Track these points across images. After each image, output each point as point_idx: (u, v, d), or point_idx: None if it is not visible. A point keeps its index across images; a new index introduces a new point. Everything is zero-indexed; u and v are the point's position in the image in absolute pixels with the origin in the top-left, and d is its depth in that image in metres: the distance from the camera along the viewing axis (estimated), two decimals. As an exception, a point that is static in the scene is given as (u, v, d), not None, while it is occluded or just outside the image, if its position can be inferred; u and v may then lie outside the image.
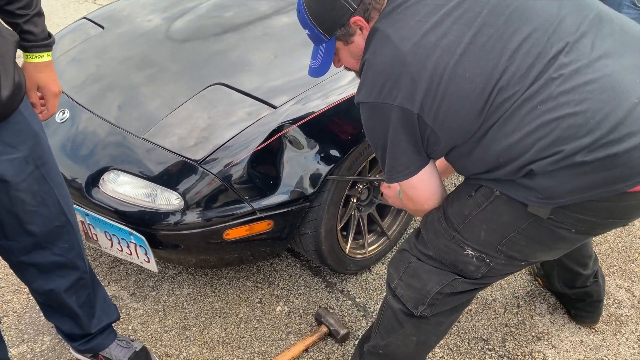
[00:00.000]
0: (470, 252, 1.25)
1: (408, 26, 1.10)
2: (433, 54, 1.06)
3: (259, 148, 1.66)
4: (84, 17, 2.46)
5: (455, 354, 1.88)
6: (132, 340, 1.77)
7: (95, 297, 1.63)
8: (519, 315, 2.03)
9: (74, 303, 1.54)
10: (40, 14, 1.28)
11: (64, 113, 1.90)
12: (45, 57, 1.31)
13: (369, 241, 2.16)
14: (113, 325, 1.75)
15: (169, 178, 1.66)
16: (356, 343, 1.88)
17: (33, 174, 1.30)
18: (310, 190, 1.71)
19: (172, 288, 2.11)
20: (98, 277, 2.17)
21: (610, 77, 1.02)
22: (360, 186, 1.97)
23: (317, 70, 1.32)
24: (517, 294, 2.12)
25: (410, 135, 1.14)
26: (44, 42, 1.30)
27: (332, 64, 1.32)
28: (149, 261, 1.72)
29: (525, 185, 1.10)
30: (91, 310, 1.61)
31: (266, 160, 1.68)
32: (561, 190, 1.06)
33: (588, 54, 1.04)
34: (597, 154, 1.00)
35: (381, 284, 2.15)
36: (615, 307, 2.07)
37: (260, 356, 1.85)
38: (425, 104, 1.08)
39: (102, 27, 2.33)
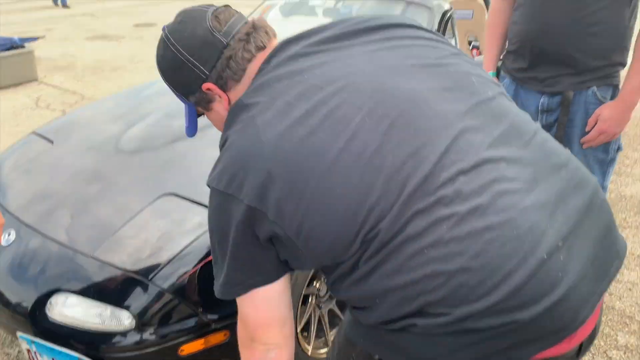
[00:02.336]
0: None
1: (275, 108, 0.90)
2: (298, 153, 0.86)
3: (211, 258, 1.65)
4: (33, 132, 2.47)
5: None
6: None
7: None
8: None
9: None
10: None
11: (9, 234, 1.86)
12: None
13: (332, 338, 2.13)
14: None
15: (119, 297, 1.62)
16: None
17: None
18: (265, 296, 1.69)
19: (129, 408, 1.98)
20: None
21: (515, 222, 0.82)
22: (317, 283, 1.97)
23: (188, 130, 1.19)
24: None
25: (258, 239, 0.92)
26: None
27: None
28: (100, 387, 1.64)
29: (398, 342, 0.89)
30: None
31: (219, 270, 1.67)
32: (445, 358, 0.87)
33: (489, 185, 0.84)
34: (489, 321, 0.82)
35: (348, 381, 2.08)
36: None
37: None
38: (285, 210, 0.87)
39: (52, 142, 2.34)
